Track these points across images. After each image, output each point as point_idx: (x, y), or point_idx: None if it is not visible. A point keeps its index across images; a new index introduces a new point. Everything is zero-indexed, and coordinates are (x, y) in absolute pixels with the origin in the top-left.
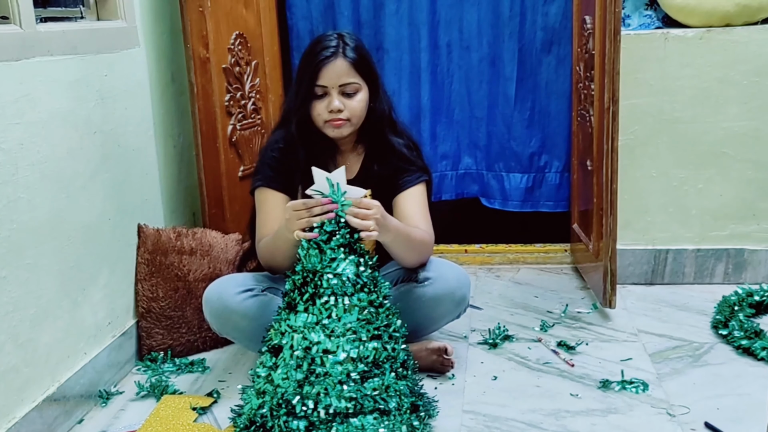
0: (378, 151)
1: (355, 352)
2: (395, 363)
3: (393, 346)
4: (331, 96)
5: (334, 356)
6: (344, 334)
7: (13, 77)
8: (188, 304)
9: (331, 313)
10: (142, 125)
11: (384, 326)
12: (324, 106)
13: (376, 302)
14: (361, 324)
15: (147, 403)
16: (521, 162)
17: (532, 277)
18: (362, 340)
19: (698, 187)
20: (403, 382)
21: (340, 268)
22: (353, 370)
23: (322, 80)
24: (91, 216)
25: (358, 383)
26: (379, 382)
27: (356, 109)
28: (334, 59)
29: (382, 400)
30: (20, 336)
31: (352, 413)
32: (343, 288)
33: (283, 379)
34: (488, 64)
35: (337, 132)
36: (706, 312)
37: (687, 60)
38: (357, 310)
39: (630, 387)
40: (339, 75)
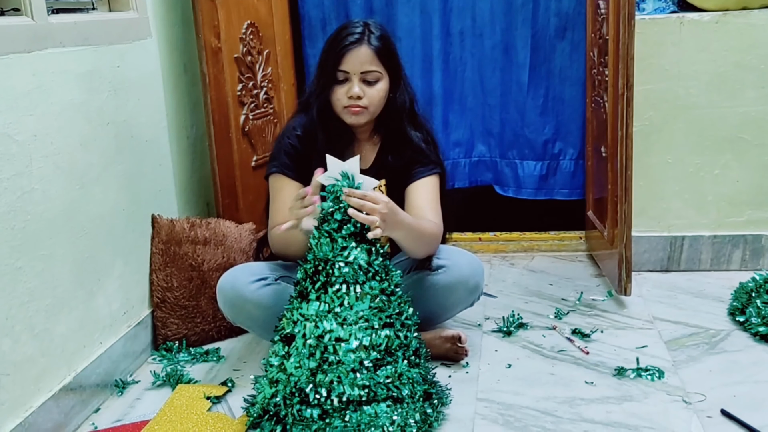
0: (394, 143)
1: (368, 340)
2: (408, 351)
3: (405, 334)
4: (352, 82)
5: (347, 344)
6: (356, 322)
7: (26, 69)
8: (202, 293)
9: (343, 302)
10: (154, 116)
11: (396, 314)
12: (344, 92)
13: (387, 290)
14: (373, 312)
15: (162, 392)
16: (535, 149)
17: (547, 265)
18: (374, 328)
19: (714, 173)
20: (415, 370)
21: (351, 256)
22: (366, 358)
23: (345, 65)
24: (105, 207)
25: (371, 371)
26: (391, 370)
27: (375, 98)
28: (359, 46)
29: (395, 387)
30: (36, 326)
31: (365, 401)
32: (354, 276)
33: (296, 368)
34: (501, 51)
35: (355, 119)
36: (722, 299)
37: (703, 44)
38: (369, 298)
39: (645, 374)
40: (362, 62)
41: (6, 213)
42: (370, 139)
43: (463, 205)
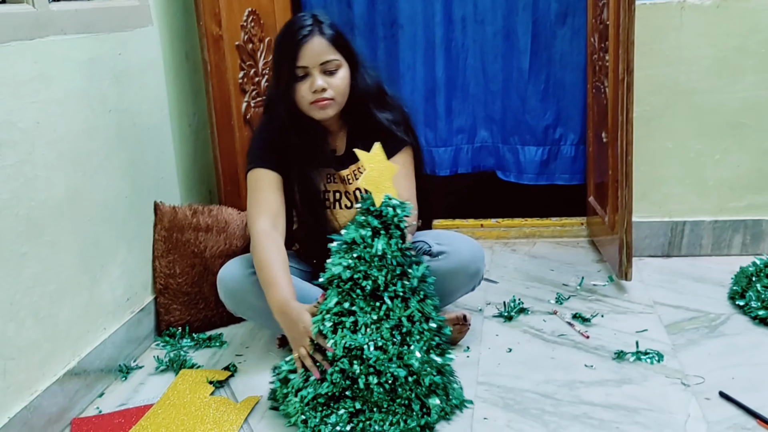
0: (362, 128)
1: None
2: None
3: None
4: (313, 76)
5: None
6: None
7: (28, 56)
8: (205, 280)
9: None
10: (156, 104)
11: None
12: (307, 88)
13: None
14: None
15: (166, 377)
16: (536, 135)
17: (548, 251)
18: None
19: (715, 158)
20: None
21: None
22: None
23: (303, 61)
24: (107, 194)
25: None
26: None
27: (339, 87)
28: (312, 38)
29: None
30: (41, 311)
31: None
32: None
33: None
34: (502, 37)
35: (323, 113)
36: (723, 283)
37: (703, 29)
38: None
39: (645, 358)
40: (319, 53)
41: (10, 200)
42: (339, 129)
43: (465, 192)
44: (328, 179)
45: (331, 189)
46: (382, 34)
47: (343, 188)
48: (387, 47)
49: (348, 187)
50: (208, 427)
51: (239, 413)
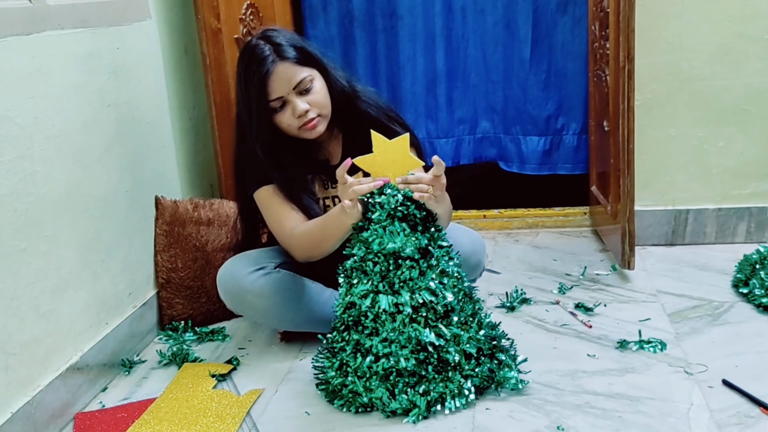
0: (353, 127)
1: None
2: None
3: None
4: (292, 102)
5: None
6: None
7: (25, 51)
8: (207, 274)
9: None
10: (156, 98)
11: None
12: (290, 115)
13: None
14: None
15: (169, 371)
16: (538, 125)
17: (551, 241)
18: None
19: (719, 145)
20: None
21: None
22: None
23: (275, 93)
24: (107, 188)
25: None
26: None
27: (321, 101)
28: (276, 67)
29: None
30: (42, 306)
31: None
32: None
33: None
34: (503, 27)
35: (315, 132)
36: (727, 271)
37: (705, 15)
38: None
39: (647, 346)
40: (288, 79)
41: (8, 195)
42: (329, 137)
43: (467, 183)
44: (324, 185)
45: (329, 195)
46: (382, 26)
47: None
48: (387, 39)
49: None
50: (210, 421)
51: (241, 407)
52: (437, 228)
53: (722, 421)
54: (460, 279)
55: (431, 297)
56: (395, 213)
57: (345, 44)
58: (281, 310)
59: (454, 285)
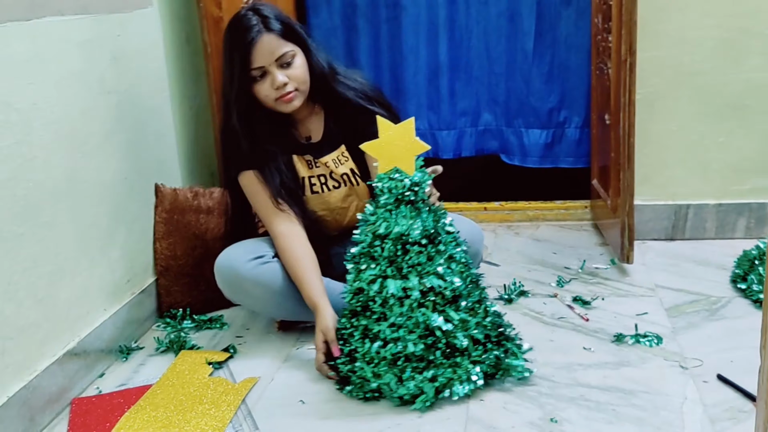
0: (334, 105)
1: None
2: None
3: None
4: (272, 73)
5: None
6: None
7: (25, 37)
8: (206, 262)
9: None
10: (156, 86)
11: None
12: (268, 86)
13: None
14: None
15: (166, 358)
16: (540, 118)
17: (552, 234)
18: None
19: (719, 140)
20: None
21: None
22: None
23: (257, 62)
24: (106, 175)
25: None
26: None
27: (300, 76)
28: (260, 36)
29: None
30: (39, 292)
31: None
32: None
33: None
34: (506, 19)
35: (291, 105)
36: (726, 267)
37: (708, 9)
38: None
39: (644, 340)
40: (271, 51)
41: (7, 180)
42: (311, 113)
43: (468, 175)
44: (309, 165)
45: (314, 174)
46: (385, 16)
47: (328, 171)
48: (390, 29)
49: (335, 170)
50: (206, 408)
51: (237, 394)
52: (442, 212)
53: (715, 415)
54: (467, 266)
55: (439, 282)
56: (402, 198)
57: (347, 34)
58: (278, 299)
59: (462, 271)
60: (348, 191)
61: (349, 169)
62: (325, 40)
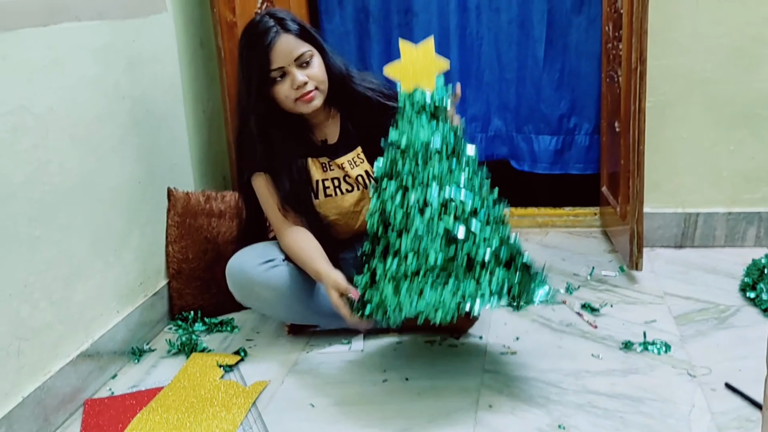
0: (352, 107)
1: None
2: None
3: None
4: (292, 73)
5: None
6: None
7: (42, 42)
8: (218, 265)
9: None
10: (171, 90)
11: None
12: (288, 86)
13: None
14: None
15: (178, 360)
16: (550, 124)
17: (561, 241)
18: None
19: (730, 148)
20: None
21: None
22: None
23: (277, 62)
24: (120, 179)
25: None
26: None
27: (319, 75)
28: (279, 37)
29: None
30: (54, 294)
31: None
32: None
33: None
34: (517, 25)
35: (311, 105)
36: (735, 275)
37: (719, 17)
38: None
39: (652, 348)
40: (290, 50)
41: (23, 183)
42: (327, 117)
43: None
44: (323, 168)
45: (328, 177)
46: (397, 22)
47: (342, 174)
48: (402, 35)
49: (349, 172)
50: (216, 410)
51: (247, 397)
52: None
53: (723, 424)
54: (487, 188)
55: (459, 193)
56: (423, 110)
57: (360, 39)
58: (289, 303)
59: (482, 186)
60: (361, 195)
61: (363, 171)
62: (338, 45)
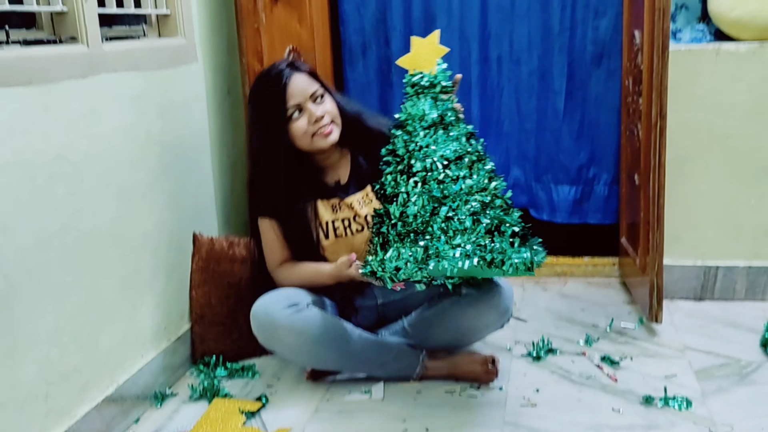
0: (363, 145)
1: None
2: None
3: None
4: (308, 109)
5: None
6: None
7: (80, 93)
8: (240, 310)
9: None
10: (198, 137)
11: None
12: (305, 122)
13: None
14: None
15: (199, 406)
16: (569, 174)
17: (580, 291)
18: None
19: (750, 203)
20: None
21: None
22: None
23: (294, 99)
24: (149, 225)
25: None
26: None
27: (333, 111)
28: (293, 75)
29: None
30: (83, 338)
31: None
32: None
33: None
34: (538, 77)
35: (329, 139)
36: (756, 330)
37: (739, 74)
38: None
39: (673, 403)
40: (306, 87)
41: (59, 230)
42: (339, 158)
43: None
44: (333, 209)
45: (338, 217)
46: None
47: (352, 213)
48: None
49: (359, 211)
50: None
51: None
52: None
53: None
54: (483, 161)
55: (443, 161)
56: (422, 89)
57: (382, 88)
58: (312, 347)
59: (473, 161)
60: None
61: (373, 210)
62: (361, 94)
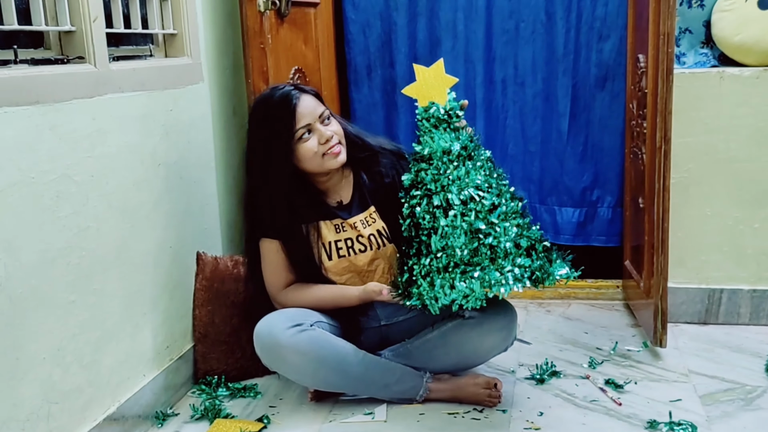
0: (366, 165)
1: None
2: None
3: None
4: (317, 129)
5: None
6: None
7: (87, 113)
8: (243, 330)
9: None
10: (203, 157)
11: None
12: (314, 143)
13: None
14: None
15: (201, 426)
16: (573, 196)
17: (583, 313)
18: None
19: (754, 227)
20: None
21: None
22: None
23: (304, 120)
24: (153, 244)
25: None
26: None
27: (340, 131)
28: (301, 97)
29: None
30: (85, 357)
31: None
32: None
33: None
34: (542, 99)
35: (338, 159)
36: (761, 354)
37: (743, 99)
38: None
39: (678, 428)
40: (314, 107)
41: (63, 249)
42: (341, 179)
43: None
44: (336, 230)
45: (342, 238)
46: None
47: (355, 234)
48: None
49: (362, 232)
50: None
51: None
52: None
53: None
54: (503, 182)
55: (478, 192)
56: (439, 122)
57: (387, 109)
58: (315, 368)
59: (498, 184)
60: (374, 255)
61: (376, 230)
62: (366, 115)
